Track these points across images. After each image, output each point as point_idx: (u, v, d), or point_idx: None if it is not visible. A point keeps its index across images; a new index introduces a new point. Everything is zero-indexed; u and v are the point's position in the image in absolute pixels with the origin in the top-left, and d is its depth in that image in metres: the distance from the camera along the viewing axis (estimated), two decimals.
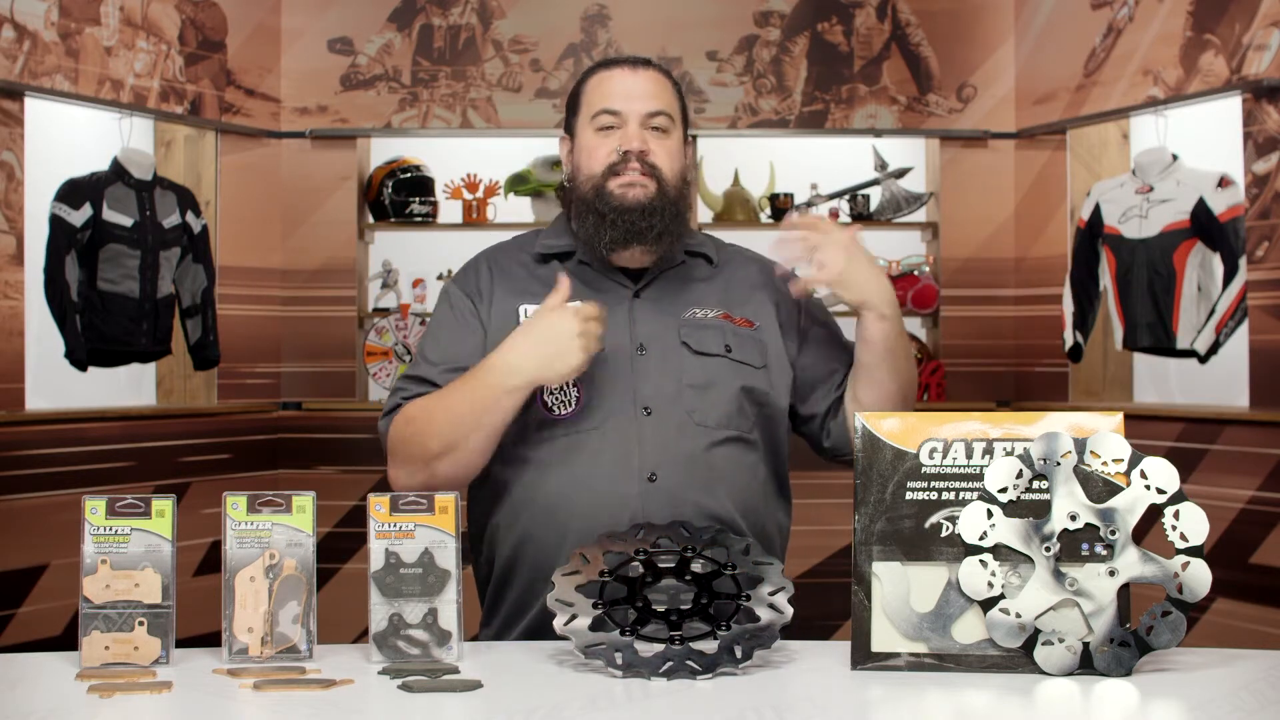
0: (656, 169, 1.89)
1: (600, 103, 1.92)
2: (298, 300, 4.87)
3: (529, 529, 1.86)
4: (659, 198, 1.88)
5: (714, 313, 1.93)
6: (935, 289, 4.91)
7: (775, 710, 1.35)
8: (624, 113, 1.90)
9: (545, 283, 1.91)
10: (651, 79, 1.93)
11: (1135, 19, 4.44)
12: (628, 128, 1.90)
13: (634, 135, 1.89)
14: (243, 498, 1.58)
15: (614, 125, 1.91)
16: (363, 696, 1.43)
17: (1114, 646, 1.48)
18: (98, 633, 1.55)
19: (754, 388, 1.90)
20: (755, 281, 1.99)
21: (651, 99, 1.91)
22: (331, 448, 4.76)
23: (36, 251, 4.12)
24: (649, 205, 1.87)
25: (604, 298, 1.89)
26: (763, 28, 4.94)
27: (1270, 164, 3.95)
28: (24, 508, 3.98)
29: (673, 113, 1.93)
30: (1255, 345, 4.01)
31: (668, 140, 1.92)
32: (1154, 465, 1.51)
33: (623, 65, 1.94)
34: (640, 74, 1.92)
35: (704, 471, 1.84)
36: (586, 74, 1.98)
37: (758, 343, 1.93)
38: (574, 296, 1.83)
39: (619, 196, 1.88)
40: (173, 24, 4.54)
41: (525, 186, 4.86)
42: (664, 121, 1.92)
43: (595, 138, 1.92)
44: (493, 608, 1.94)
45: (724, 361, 1.89)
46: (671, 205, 1.90)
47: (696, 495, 1.82)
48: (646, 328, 1.90)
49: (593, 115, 1.92)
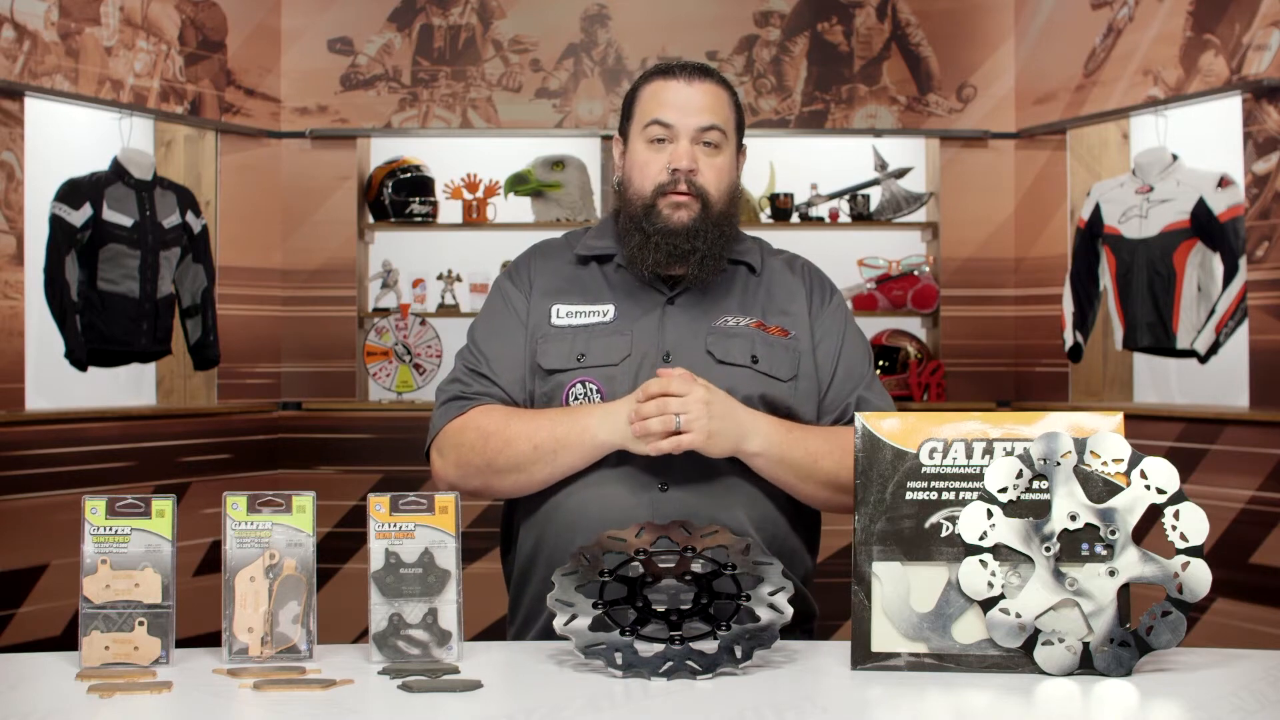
0: (703, 190, 1.88)
1: (654, 112, 1.90)
2: (298, 300, 4.87)
3: (545, 531, 1.87)
4: (702, 219, 1.88)
5: (746, 320, 1.91)
6: (935, 289, 4.91)
7: (775, 710, 1.35)
8: (676, 126, 1.88)
9: (583, 285, 1.93)
10: (707, 92, 1.90)
11: (1135, 19, 4.44)
12: (679, 143, 1.88)
13: (684, 153, 1.87)
14: (243, 498, 1.58)
15: (665, 138, 1.90)
16: (363, 696, 1.43)
17: (1114, 646, 1.48)
18: (98, 633, 1.55)
19: (776, 400, 1.87)
20: (794, 289, 1.98)
21: (705, 113, 1.89)
22: (331, 448, 4.76)
23: (36, 251, 4.12)
24: (692, 228, 1.87)
25: (638, 304, 1.91)
26: (763, 28, 4.94)
27: (1270, 164, 3.95)
28: (24, 508, 3.99)
29: (726, 127, 1.91)
30: (1255, 345, 4.01)
31: (718, 157, 1.90)
32: (1154, 465, 1.51)
33: (679, 75, 1.91)
34: (696, 86, 1.90)
35: (717, 484, 1.82)
36: (644, 78, 1.96)
37: (790, 353, 1.90)
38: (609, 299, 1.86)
39: (665, 218, 1.87)
40: (173, 24, 4.54)
41: (525, 186, 4.86)
42: (716, 137, 1.89)
43: (646, 151, 1.90)
44: (515, 605, 1.96)
45: (748, 372, 1.87)
46: (715, 226, 1.89)
47: (708, 507, 1.81)
48: (675, 335, 1.89)
49: (645, 125, 1.91)
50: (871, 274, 4.97)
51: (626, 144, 1.96)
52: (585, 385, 1.86)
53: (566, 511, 1.84)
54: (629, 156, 1.95)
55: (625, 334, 1.88)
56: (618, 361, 1.87)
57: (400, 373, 4.85)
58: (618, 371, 1.86)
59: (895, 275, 4.93)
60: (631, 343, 1.87)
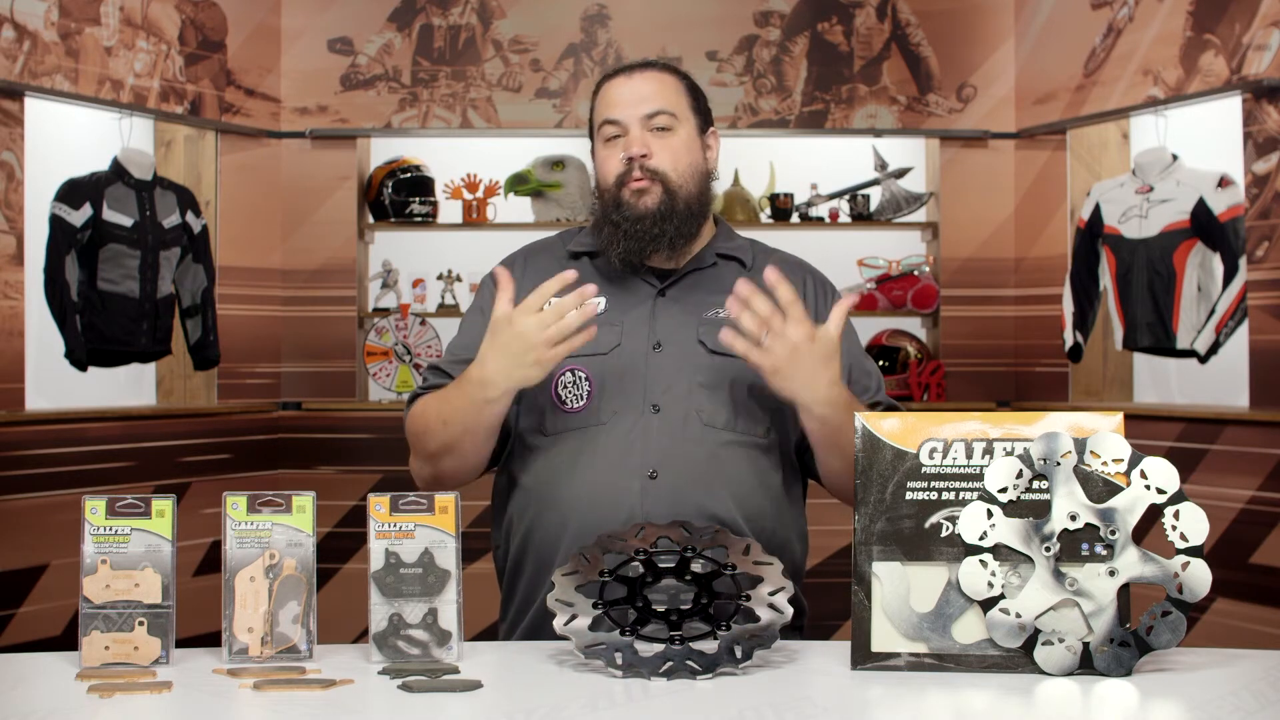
0: (659, 172, 1.90)
1: (603, 113, 1.95)
2: (298, 300, 4.87)
3: (535, 521, 1.88)
4: (666, 201, 1.89)
5: None
6: (935, 289, 4.91)
7: (775, 710, 1.35)
8: (623, 120, 1.92)
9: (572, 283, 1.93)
10: (648, 79, 1.94)
11: (1135, 19, 4.44)
12: (629, 133, 1.92)
13: (634, 140, 1.91)
14: (243, 498, 1.58)
15: (618, 134, 1.93)
16: (363, 696, 1.43)
17: (1114, 646, 1.48)
18: (98, 633, 1.55)
19: (766, 391, 1.86)
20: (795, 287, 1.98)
21: (647, 100, 1.92)
22: (331, 448, 4.76)
23: (36, 251, 4.12)
24: (658, 212, 1.89)
25: (629, 296, 1.92)
26: (763, 28, 4.94)
27: (1270, 164, 3.95)
28: (24, 508, 3.98)
29: (675, 109, 1.93)
30: (1255, 345, 4.01)
31: (671, 138, 1.93)
32: (1154, 465, 1.51)
33: (622, 72, 1.96)
34: (636, 77, 1.94)
35: (707, 472, 1.84)
36: (597, 85, 2.01)
37: None
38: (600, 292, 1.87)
39: (630, 205, 1.90)
40: (173, 24, 4.54)
41: (525, 186, 4.86)
42: (665, 120, 1.92)
43: (604, 149, 1.95)
44: (508, 598, 1.96)
45: (740, 363, 1.87)
46: (683, 206, 1.91)
47: (698, 495, 1.82)
48: (665, 325, 1.90)
49: (599, 126, 1.95)
50: (871, 274, 4.97)
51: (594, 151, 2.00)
52: (575, 374, 1.88)
53: (557, 500, 1.85)
54: (595, 160, 1.99)
55: (615, 324, 1.90)
56: (607, 351, 1.88)
57: (400, 373, 4.85)
58: (607, 360, 1.87)
59: (895, 275, 4.93)
60: (622, 333, 1.89)
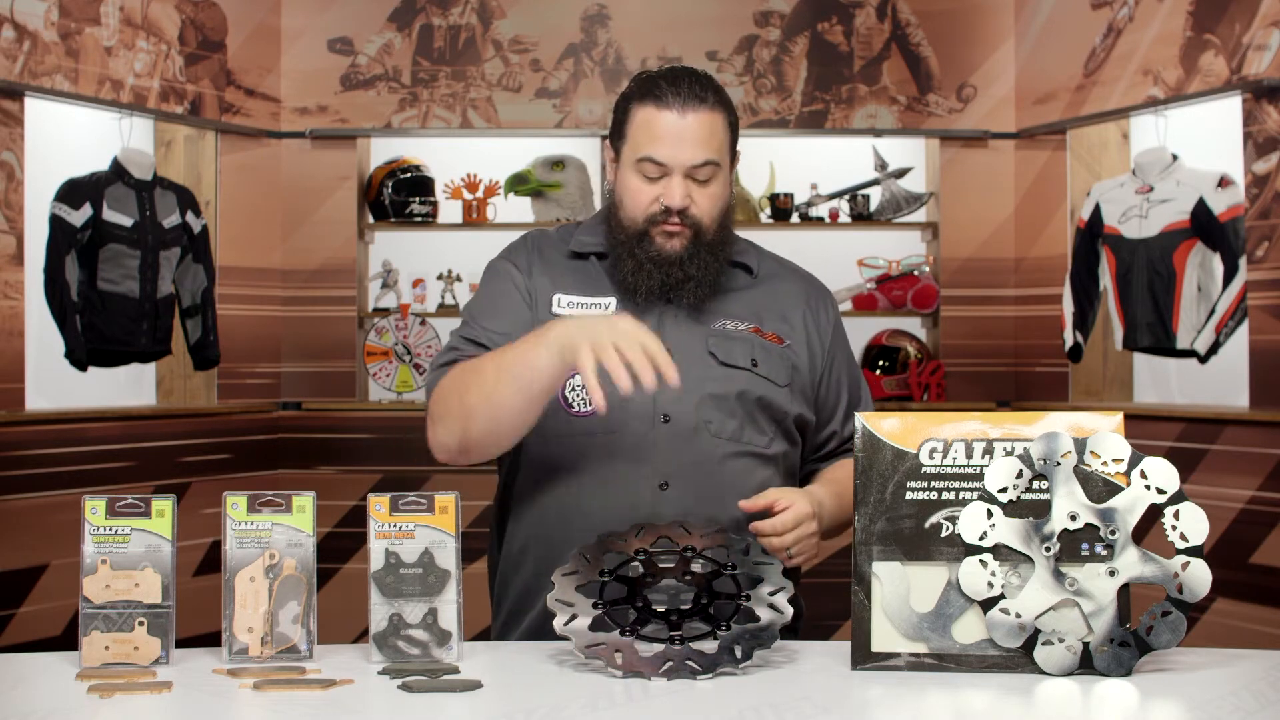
0: (696, 221, 1.85)
1: (645, 146, 1.82)
2: (298, 300, 4.87)
3: (539, 526, 1.87)
4: (694, 246, 1.86)
5: (744, 325, 1.91)
6: (935, 289, 4.91)
7: (775, 710, 1.35)
8: (669, 164, 1.82)
9: (582, 277, 1.92)
10: (701, 123, 1.82)
11: (1135, 19, 4.44)
12: (672, 179, 1.82)
13: (676, 192, 1.82)
14: (243, 498, 1.58)
15: (660, 176, 1.83)
16: (363, 696, 1.43)
17: (1114, 646, 1.48)
18: (98, 633, 1.55)
19: (773, 402, 1.88)
20: (794, 299, 1.97)
21: (699, 147, 1.82)
22: (331, 448, 4.76)
23: (36, 251, 4.12)
24: (685, 256, 1.85)
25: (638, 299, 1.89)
26: (763, 28, 4.94)
27: (1270, 164, 3.95)
28: (24, 508, 3.98)
29: (720, 157, 1.84)
30: (1255, 345, 4.01)
31: (712, 185, 1.85)
32: (1154, 465, 1.51)
33: (673, 105, 1.81)
34: (689, 118, 1.81)
35: (716, 483, 1.83)
36: (638, 96, 1.86)
37: (785, 360, 1.91)
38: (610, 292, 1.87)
39: (659, 246, 1.85)
40: (173, 24, 4.54)
41: (525, 186, 4.86)
42: (710, 171, 1.83)
43: (637, 181, 1.85)
44: (500, 600, 1.95)
45: (748, 375, 1.87)
46: (708, 249, 1.87)
47: (708, 506, 1.81)
48: (675, 335, 1.87)
49: (637, 159, 1.84)
50: (871, 274, 4.97)
51: (618, 157, 1.90)
52: None
53: (564, 507, 1.84)
54: (620, 178, 1.89)
55: None
56: None
57: (400, 373, 4.85)
58: None
59: (895, 275, 4.93)
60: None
